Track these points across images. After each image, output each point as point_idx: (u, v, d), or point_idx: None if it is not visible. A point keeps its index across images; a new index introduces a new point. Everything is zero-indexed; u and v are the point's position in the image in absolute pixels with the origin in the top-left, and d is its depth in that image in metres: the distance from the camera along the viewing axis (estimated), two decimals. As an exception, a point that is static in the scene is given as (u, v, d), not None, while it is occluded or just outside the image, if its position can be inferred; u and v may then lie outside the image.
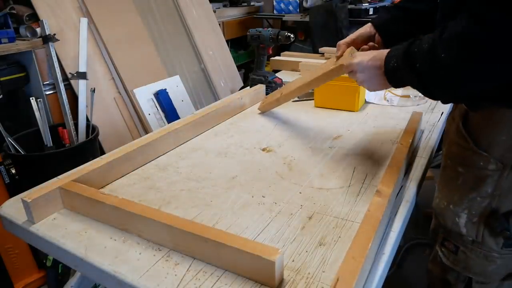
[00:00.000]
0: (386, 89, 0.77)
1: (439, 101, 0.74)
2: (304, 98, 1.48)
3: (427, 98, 1.22)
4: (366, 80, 0.77)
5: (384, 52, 0.73)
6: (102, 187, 0.91)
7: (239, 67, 3.11)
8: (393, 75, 0.70)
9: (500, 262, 0.76)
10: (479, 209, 0.73)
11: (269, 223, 0.75)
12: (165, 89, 2.22)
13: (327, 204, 0.81)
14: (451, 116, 0.87)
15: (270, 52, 1.53)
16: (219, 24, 2.95)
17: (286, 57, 2.07)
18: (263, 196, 0.85)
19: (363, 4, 3.08)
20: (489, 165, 0.69)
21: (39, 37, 1.81)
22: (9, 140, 1.60)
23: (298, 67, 1.86)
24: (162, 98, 2.18)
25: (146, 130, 2.11)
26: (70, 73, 1.88)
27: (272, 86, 1.51)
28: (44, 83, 1.85)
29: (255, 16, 3.62)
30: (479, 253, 0.77)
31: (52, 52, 1.80)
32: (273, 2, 3.68)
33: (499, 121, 0.66)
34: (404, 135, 0.99)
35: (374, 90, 0.79)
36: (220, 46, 2.82)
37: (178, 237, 0.67)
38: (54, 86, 1.85)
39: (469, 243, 0.78)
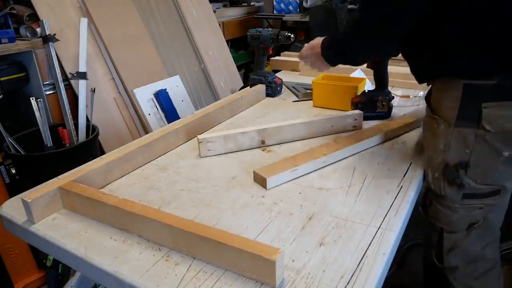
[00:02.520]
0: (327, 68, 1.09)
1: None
2: (304, 98, 1.48)
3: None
4: (312, 63, 1.13)
5: (320, 40, 1.06)
6: (102, 187, 0.91)
7: (239, 67, 3.10)
8: (328, 57, 1.03)
9: (462, 212, 0.88)
10: (436, 164, 0.86)
11: (269, 223, 0.76)
12: (165, 89, 2.21)
13: (327, 204, 0.81)
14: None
15: (270, 52, 1.53)
16: (219, 24, 2.94)
17: (286, 57, 2.07)
18: (263, 196, 0.85)
19: (363, 4, 3.08)
20: (440, 125, 0.83)
21: (39, 37, 1.81)
22: (9, 140, 1.60)
23: (298, 67, 1.86)
24: (162, 98, 2.18)
25: (146, 130, 2.11)
26: (70, 73, 1.88)
27: (272, 86, 1.51)
28: (44, 83, 1.84)
29: (255, 16, 3.62)
30: (444, 204, 0.89)
31: (52, 52, 1.79)
32: (273, 2, 3.68)
33: (445, 89, 0.82)
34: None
35: (321, 70, 1.14)
36: (220, 46, 2.81)
37: (178, 237, 0.67)
38: (54, 86, 1.85)
39: (438, 197, 0.90)
